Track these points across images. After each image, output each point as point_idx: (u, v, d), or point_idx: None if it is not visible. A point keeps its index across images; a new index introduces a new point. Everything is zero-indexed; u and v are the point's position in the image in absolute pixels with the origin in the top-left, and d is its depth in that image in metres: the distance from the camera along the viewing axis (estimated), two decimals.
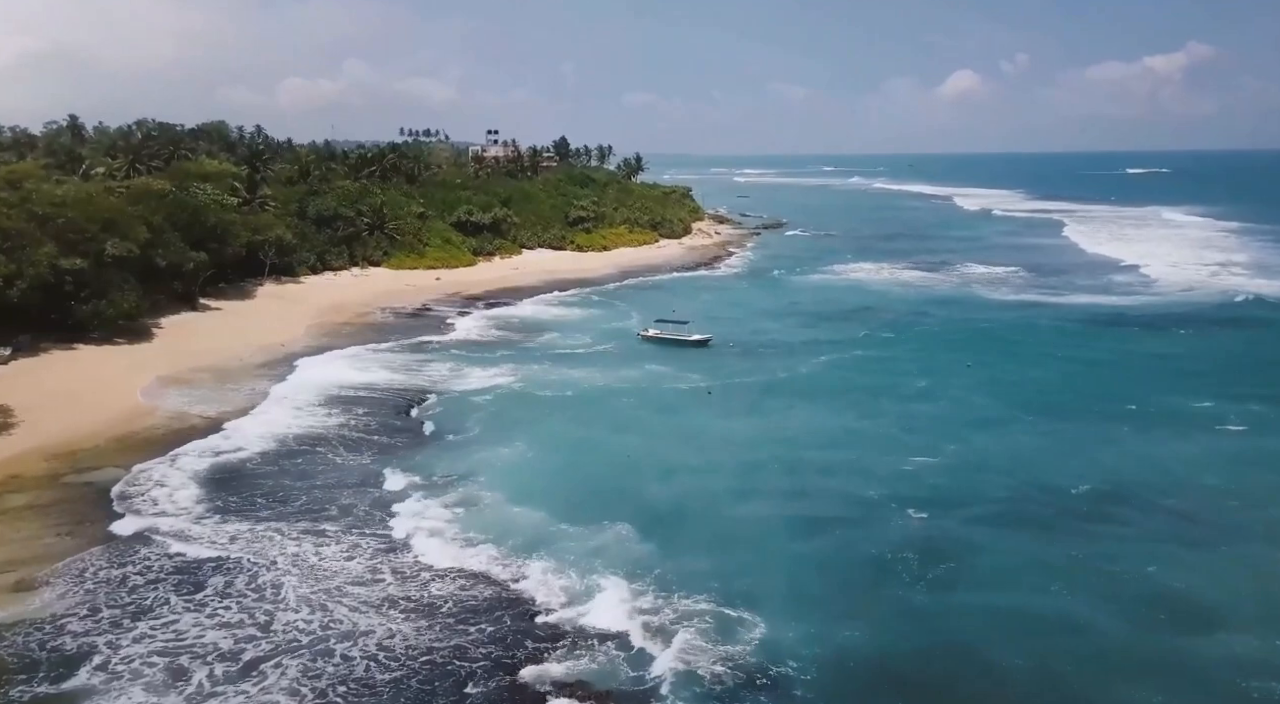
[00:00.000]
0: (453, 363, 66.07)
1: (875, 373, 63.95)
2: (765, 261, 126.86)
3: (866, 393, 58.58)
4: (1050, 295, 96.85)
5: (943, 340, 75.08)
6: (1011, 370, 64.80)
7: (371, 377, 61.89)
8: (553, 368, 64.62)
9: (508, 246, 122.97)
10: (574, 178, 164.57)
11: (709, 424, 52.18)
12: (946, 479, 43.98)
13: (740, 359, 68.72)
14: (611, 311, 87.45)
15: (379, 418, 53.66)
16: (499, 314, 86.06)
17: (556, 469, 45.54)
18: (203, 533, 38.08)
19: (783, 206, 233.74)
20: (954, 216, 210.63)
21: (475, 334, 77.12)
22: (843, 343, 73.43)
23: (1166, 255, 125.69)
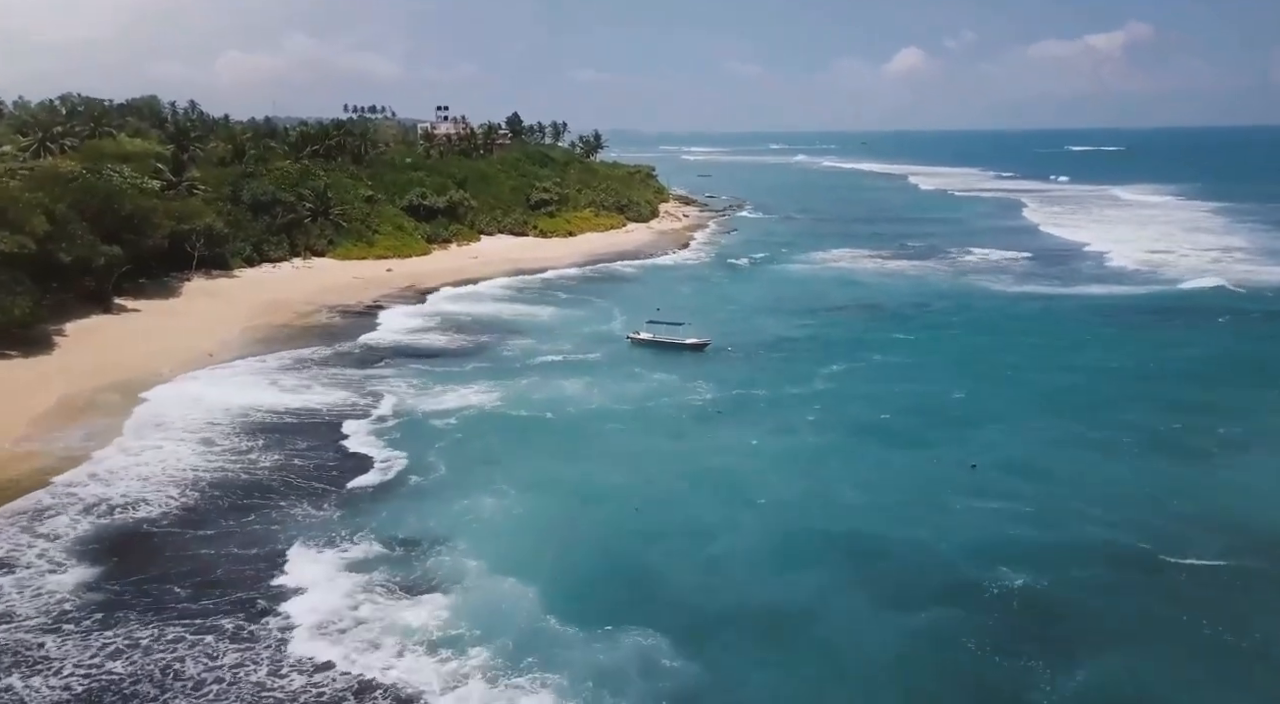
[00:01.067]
0: (411, 377, 56.64)
1: (900, 382, 55.92)
2: (741, 248, 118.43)
3: (901, 411, 50.42)
4: (1057, 286, 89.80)
5: (961, 341, 67.38)
6: (1057, 377, 57.17)
7: (312, 397, 52.18)
8: (532, 382, 55.52)
9: (465, 233, 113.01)
10: (532, 157, 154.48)
11: (728, 461, 43.47)
12: (1040, 533, 35.89)
13: (744, 366, 60.24)
14: (590, 310, 78.37)
15: (317, 453, 44.15)
16: (462, 313, 76.46)
17: (547, 531, 36.41)
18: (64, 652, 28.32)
19: (744, 186, 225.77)
20: (918, 197, 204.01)
21: (436, 339, 67.58)
22: (852, 344, 65.31)
23: (1158, 240, 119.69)
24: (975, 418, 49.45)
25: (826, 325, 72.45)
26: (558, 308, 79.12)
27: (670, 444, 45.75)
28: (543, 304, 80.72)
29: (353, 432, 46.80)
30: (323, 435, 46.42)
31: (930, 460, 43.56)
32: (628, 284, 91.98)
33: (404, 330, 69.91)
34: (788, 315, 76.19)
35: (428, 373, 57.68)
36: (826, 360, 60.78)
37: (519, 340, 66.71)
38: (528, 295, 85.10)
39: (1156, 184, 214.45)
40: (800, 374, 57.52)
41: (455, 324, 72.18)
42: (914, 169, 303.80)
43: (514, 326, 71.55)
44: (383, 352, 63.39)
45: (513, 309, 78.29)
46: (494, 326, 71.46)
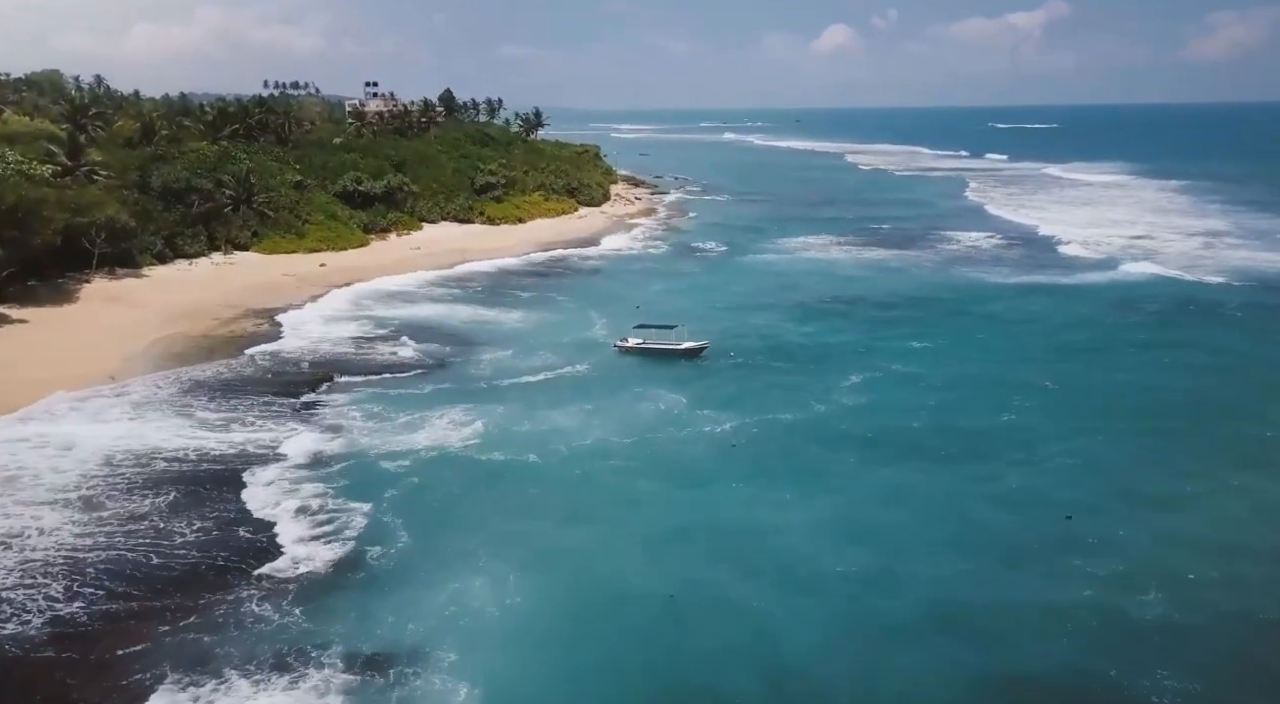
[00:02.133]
0: (360, 404, 47.32)
1: (935, 398, 48.43)
2: (704, 234, 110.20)
3: (949, 438, 42.83)
4: (1056, 275, 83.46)
5: (981, 344, 60.26)
6: (1110, 387, 50.21)
7: (235, 436, 42.54)
8: (510, 410, 46.55)
9: (406, 221, 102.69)
10: (473, 136, 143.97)
11: (765, 519, 35.19)
12: (1183, 613, 28.50)
13: (752, 379, 52.12)
14: (561, 311, 69.38)
15: (242, 518, 34.87)
16: (414, 317, 66.89)
17: (557, 637, 27.72)
18: None
19: (685, 165, 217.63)
20: (866, 177, 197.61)
21: (387, 351, 58.04)
22: (863, 351, 57.70)
23: (1135, 225, 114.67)
24: (1037, 446, 42.08)
25: (826, 326, 64.72)
26: (525, 310, 69.87)
27: (689, 495, 37.30)
28: (506, 306, 71.38)
29: (289, 485, 37.49)
30: (250, 492, 37.00)
31: (1011, 509, 35.95)
32: (594, 279, 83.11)
33: (347, 340, 60.21)
34: (779, 314, 68.26)
35: (381, 397, 48.34)
36: (842, 370, 53.01)
37: (487, 353, 57.51)
38: (486, 295, 75.64)
39: (1102, 162, 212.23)
40: (819, 390, 49.60)
41: (408, 331, 62.63)
42: (851, 147, 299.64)
43: (478, 335, 62.31)
44: (323, 368, 53.81)
45: (472, 313, 68.79)
46: (454, 335, 62.12)
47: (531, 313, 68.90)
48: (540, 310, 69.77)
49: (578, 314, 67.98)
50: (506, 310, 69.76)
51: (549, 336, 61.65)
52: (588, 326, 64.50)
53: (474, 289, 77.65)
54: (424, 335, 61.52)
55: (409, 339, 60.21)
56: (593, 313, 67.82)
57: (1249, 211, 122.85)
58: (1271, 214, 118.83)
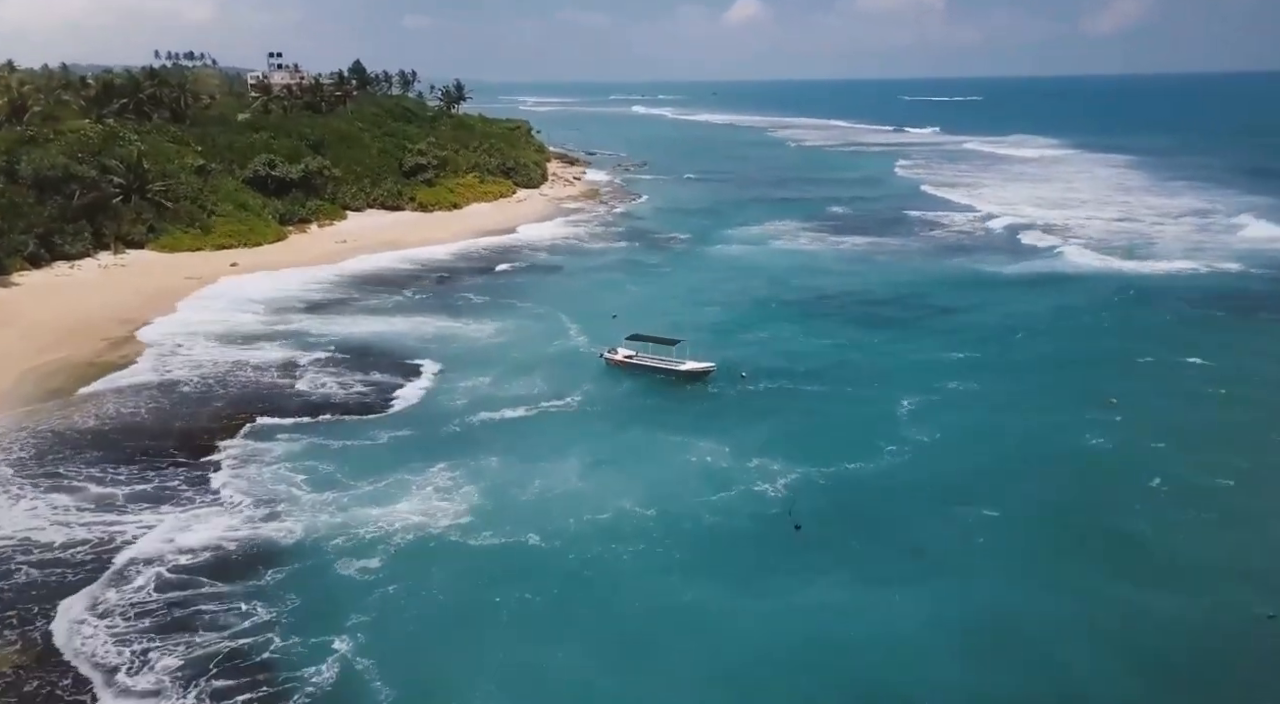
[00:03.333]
0: (297, 462, 36.91)
1: (1005, 418, 40.31)
2: (660, 220, 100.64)
3: (1064, 484, 34.61)
4: (1056, 264, 76.51)
5: (1020, 349, 52.44)
6: (1214, 401, 42.67)
7: (126, 523, 31.94)
8: (494, 465, 36.70)
9: (328, 209, 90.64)
10: (393, 111, 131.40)
11: (859, 646, 26.15)
12: None
13: (780, 408, 43.13)
14: (527, 320, 59.24)
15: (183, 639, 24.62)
16: (351, 333, 55.98)
17: None
18: None
19: (614, 141, 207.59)
20: (804, 154, 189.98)
21: (325, 380, 47.16)
22: (902, 367, 49.22)
23: (1109, 203, 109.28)
24: (1183, 497, 34.12)
25: (838, 333, 56.11)
26: (485, 318, 59.40)
27: (749, 607, 27.68)
28: (460, 313, 60.80)
29: (229, 600, 27.18)
30: (182, 613, 26.60)
31: (1197, 607, 27.63)
32: (555, 277, 72.89)
33: (275, 366, 49.21)
34: (778, 319, 59.47)
35: (323, 451, 37.92)
36: (887, 393, 44.49)
37: (454, 378, 47.25)
38: (434, 299, 64.83)
39: (1036, 136, 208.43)
40: (872, 423, 40.91)
41: (347, 349, 51.96)
42: (775, 121, 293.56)
43: (435, 351, 51.86)
44: (240, 405, 43.03)
45: (422, 324, 58.01)
46: (407, 354, 51.62)
47: (492, 321, 58.63)
48: (502, 317, 59.54)
49: (548, 322, 58.15)
50: (463, 319, 59.34)
51: (522, 352, 51.72)
52: (562, 336, 54.89)
53: (418, 292, 66.89)
54: (368, 355, 50.93)
55: (352, 363, 49.54)
56: (564, 318, 58.20)
57: (1212, 187, 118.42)
58: (1235, 190, 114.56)
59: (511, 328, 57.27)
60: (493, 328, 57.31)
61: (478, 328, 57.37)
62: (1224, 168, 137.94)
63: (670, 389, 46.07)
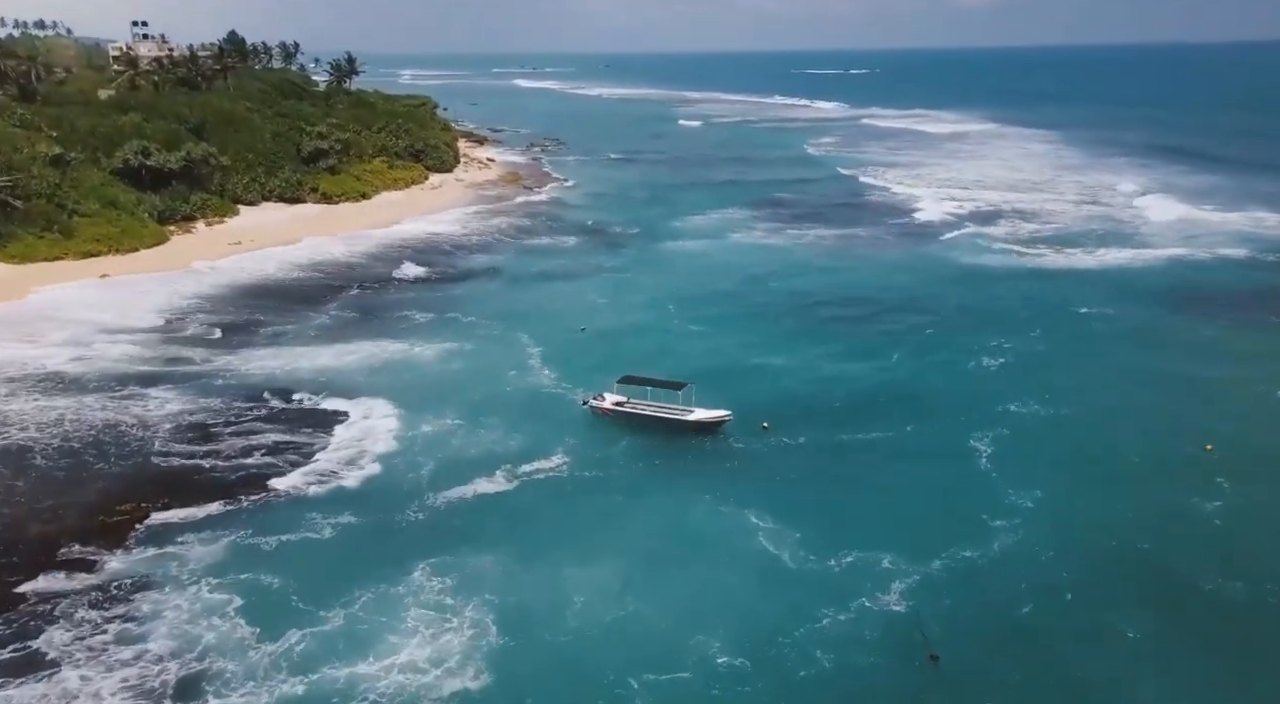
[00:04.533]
0: (203, 581, 26.56)
1: (1115, 464, 32.59)
2: (598, 210, 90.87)
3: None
4: (1059, 253, 69.96)
5: (1079, 363, 45.10)
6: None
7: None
8: (481, 566, 27.47)
9: (216, 204, 77.66)
10: (281, 88, 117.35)
11: None
12: None
13: (841, 479, 34.40)
14: (476, 341, 49.12)
15: None
16: (264, 371, 44.82)
17: None
18: None
19: (517, 117, 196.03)
20: (729, 131, 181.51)
21: (231, 441, 36.41)
22: (946, 392, 41.34)
23: (1083, 183, 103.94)
24: None
25: (860, 353, 47.78)
26: (426, 340, 49.01)
27: None
28: (395, 334, 50.18)
29: None
30: None
31: None
32: (497, 284, 62.56)
33: (166, 424, 37.98)
34: (783, 337, 50.68)
35: (253, 559, 27.59)
36: (952, 434, 36.66)
37: (408, 432, 36.98)
38: (360, 316, 53.93)
39: (945, 110, 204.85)
40: (954, 482, 32.96)
41: (266, 392, 41.01)
42: (680, 95, 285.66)
43: (378, 387, 41.44)
44: (133, 489, 32.06)
45: (352, 349, 47.23)
46: (341, 388, 41.00)
47: (440, 343, 48.37)
48: (451, 338, 49.30)
49: (504, 342, 48.38)
50: (405, 341, 48.85)
51: (483, 387, 42.01)
52: (525, 361, 45.46)
53: (341, 307, 55.85)
54: (292, 400, 40.13)
55: (268, 410, 38.68)
56: (522, 337, 48.62)
57: (1163, 165, 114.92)
58: (1183, 167, 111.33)
59: (464, 352, 47.15)
60: (441, 353, 47.07)
61: (424, 353, 47.00)
62: (1150, 144, 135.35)
63: (678, 445, 37.05)
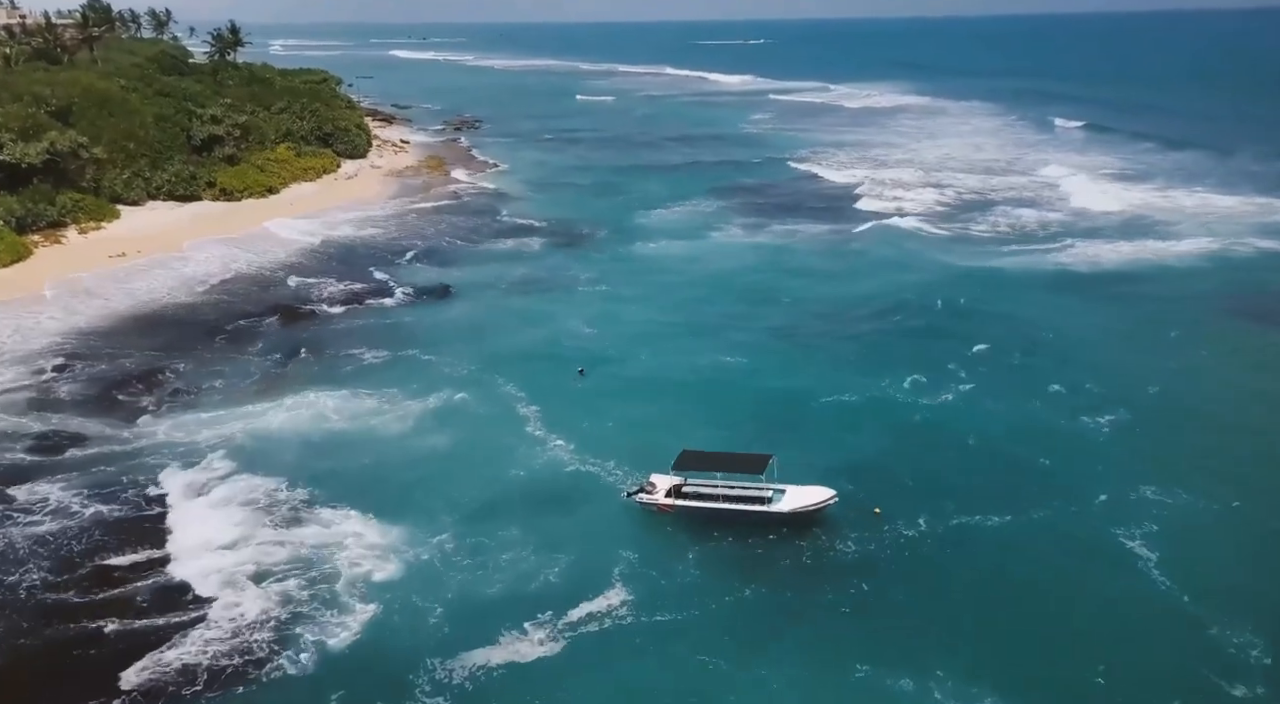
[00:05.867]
0: None
1: None
2: (545, 203, 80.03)
3: None
4: (1106, 254, 62.03)
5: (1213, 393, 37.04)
6: None
7: None
8: None
9: (92, 206, 63.81)
10: (162, 63, 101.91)
11: None
12: None
13: (994, 616, 25.31)
14: (449, 393, 38.14)
15: None
16: (149, 448, 33.15)
17: None
18: None
19: (418, 92, 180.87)
20: (659, 106, 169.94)
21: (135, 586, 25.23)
22: (1090, 447, 32.62)
23: (1054, 161, 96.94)
24: None
25: (939, 394, 38.62)
26: (381, 394, 37.85)
27: None
28: (339, 382, 38.83)
29: None
30: None
31: None
32: (456, 306, 51.30)
33: (41, 586, 26.42)
34: (835, 370, 41.25)
35: None
36: (1122, 552, 27.61)
37: (377, 597, 26.20)
38: (295, 359, 42.26)
39: (874, 83, 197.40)
40: (1188, 664, 23.86)
41: (152, 502, 29.54)
42: (581, 66, 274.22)
43: (333, 480, 30.39)
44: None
45: (275, 417, 35.72)
46: (290, 476, 29.82)
47: (396, 398, 37.51)
48: (410, 389, 38.42)
49: (487, 394, 37.91)
50: (349, 397, 37.49)
51: (476, 477, 31.83)
52: (524, 432, 35.06)
53: (261, 342, 44.02)
54: (211, 480, 28.79)
55: (184, 509, 27.40)
56: (508, 386, 38.37)
57: (1120, 142, 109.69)
58: (1142, 145, 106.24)
59: (438, 412, 36.39)
60: (409, 415, 36.18)
61: (385, 416, 35.94)
62: (1093, 120, 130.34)
63: (768, 551, 27.54)
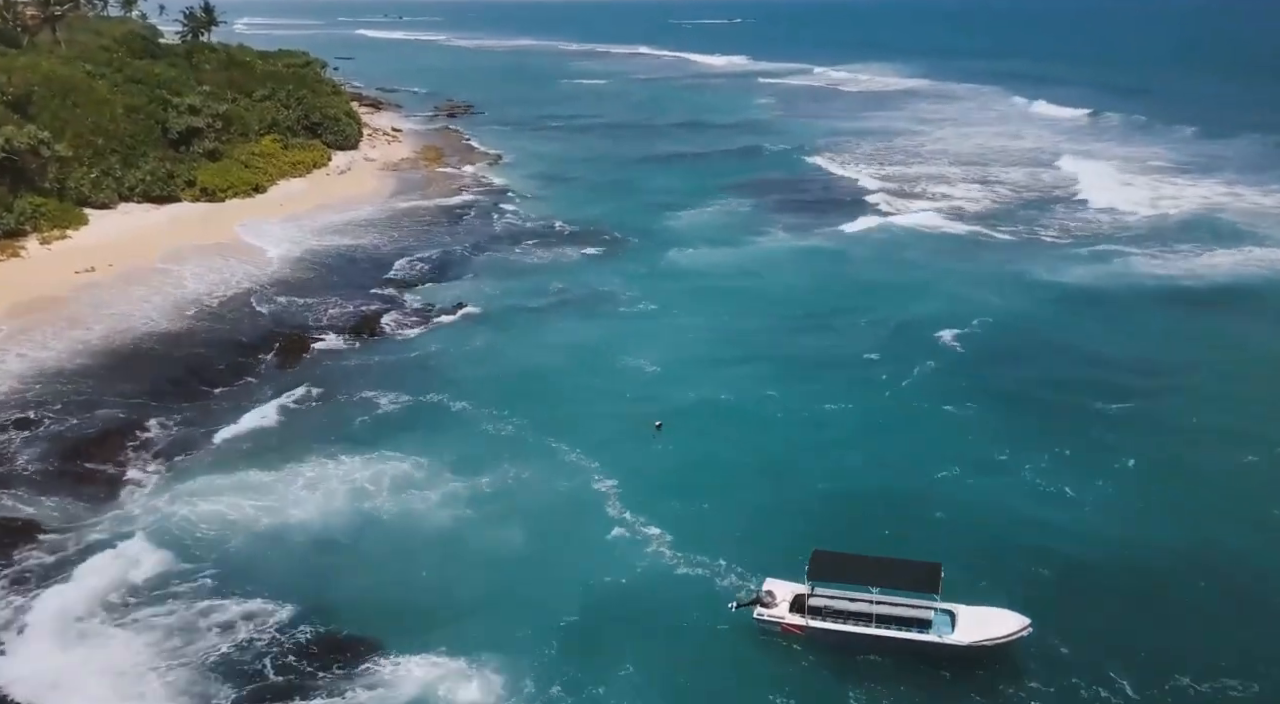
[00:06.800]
0: None
1: None
2: (556, 200, 73.30)
3: None
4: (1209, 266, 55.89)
5: None
6: None
7: None
8: None
9: (55, 211, 56.07)
10: (132, 44, 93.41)
11: None
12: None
13: None
14: (491, 448, 31.53)
15: None
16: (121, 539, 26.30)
17: None
18: None
19: (410, 75, 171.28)
20: (657, 90, 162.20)
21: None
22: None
23: (1099, 153, 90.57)
24: None
25: (1110, 478, 32.14)
26: (419, 459, 30.92)
27: None
28: (368, 447, 31.68)
29: None
30: None
31: None
32: (475, 334, 44.21)
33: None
34: (978, 437, 34.32)
35: None
36: None
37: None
38: (272, 413, 35.21)
39: (867, 64, 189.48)
40: None
41: None
42: (560, 47, 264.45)
43: (326, 577, 23.67)
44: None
45: (284, 493, 28.80)
46: (271, 583, 23.09)
47: (426, 466, 30.53)
48: (442, 452, 31.50)
49: (538, 462, 31.25)
50: (370, 463, 30.54)
51: (544, 588, 25.03)
52: (606, 521, 28.32)
53: (257, 387, 37.03)
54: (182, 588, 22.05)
55: None
56: (565, 450, 31.85)
57: (1168, 133, 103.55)
58: (1180, 134, 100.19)
59: (494, 488, 29.50)
60: (456, 494, 29.22)
61: (426, 493, 29.09)
62: (1120, 108, 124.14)
63: (937, 695, 20.96)
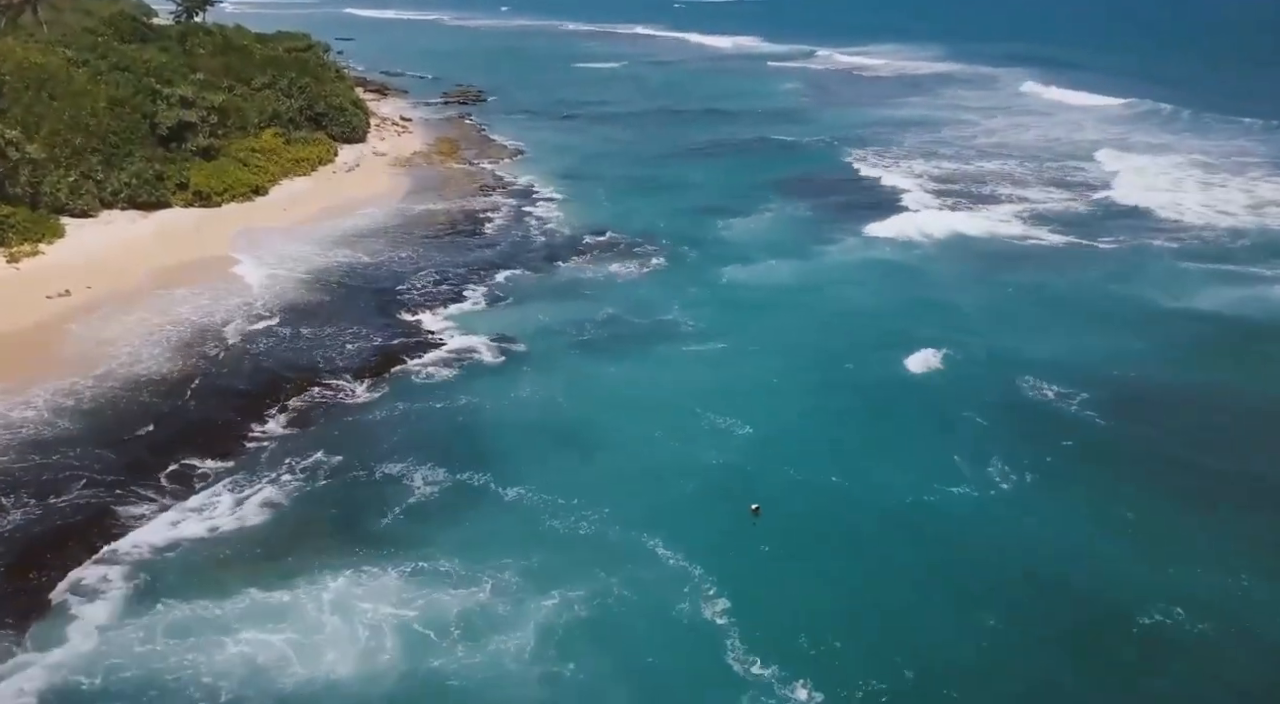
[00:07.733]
0: None
1: None
2: (588, 201, 66.13)
3: None
4: None
5: None
6: None
7: None
8: None
9: (24, 222, 49.02)
10: (120, 27, 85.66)
11: None
12: None
13: None
14: (563, 559, 24.39)
15: None
16: None
17: None
18: None
19: (413, 58, 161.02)
20: (667, 73, 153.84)
21: None
22: None
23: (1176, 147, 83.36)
24: None
25: None
26: (476, 587, 24.10)
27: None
28: (358, 554, 24.95)
29: None
30: None
31: None
32: (521, 382, 37.38)
33: None
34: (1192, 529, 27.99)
35: None
36: None
37: None
38: (282, 502, 28.44)
39: (879, 44, 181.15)
40: None
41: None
42: (561, 26, 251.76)
43: None
44: None
45: (291, 630, 21.93)
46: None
47: (498, 595, 23.65)
48: (499, 566, 24.69)
49: (636, 586, 24.31)
50: (403, 589, 23.72)
51: None
52: (728, 674, 21.70)
53: (265, 466, 30.24)
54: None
55: None
56: (670, 568, 24.97)
57: (1227, 124, 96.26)
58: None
59: (570, 619, 22.83)
60: (525, 629, 22.53)
61: (488, 629, 22.45)
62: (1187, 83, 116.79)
63: None
